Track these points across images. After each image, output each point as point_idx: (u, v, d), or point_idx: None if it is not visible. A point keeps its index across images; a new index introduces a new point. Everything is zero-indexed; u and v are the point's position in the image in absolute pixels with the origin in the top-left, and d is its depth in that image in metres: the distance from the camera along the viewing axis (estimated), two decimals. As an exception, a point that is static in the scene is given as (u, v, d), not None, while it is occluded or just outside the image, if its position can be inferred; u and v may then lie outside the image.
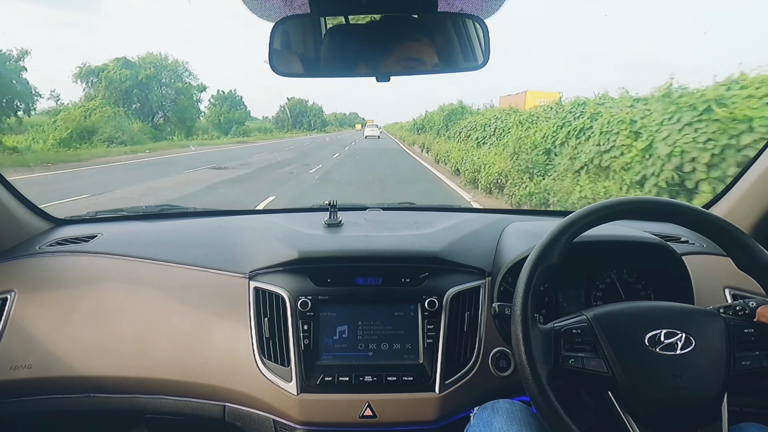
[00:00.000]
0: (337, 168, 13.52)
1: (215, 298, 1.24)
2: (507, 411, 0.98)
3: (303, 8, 0.99)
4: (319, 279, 1.21)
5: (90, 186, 9.68)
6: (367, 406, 1.11)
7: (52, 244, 1.43)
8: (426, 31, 1.02)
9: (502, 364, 1.16)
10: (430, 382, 1.13)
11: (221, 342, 1.18)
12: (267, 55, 1.01)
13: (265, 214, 1.70)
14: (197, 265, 1.31)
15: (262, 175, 12.13)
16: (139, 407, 1.21)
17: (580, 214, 0.92)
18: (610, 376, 0.84)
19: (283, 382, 1.13)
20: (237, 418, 1.18)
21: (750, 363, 0.84)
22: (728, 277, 1.23)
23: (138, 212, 1.71)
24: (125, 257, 1.35)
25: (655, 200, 0.94)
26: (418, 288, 1.20)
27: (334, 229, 1.42)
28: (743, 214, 1.34)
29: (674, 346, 0.84)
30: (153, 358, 1.18)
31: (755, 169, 1.34)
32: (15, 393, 1.20)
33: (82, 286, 1.29)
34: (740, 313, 0.90)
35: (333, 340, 1.17)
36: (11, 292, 1.25)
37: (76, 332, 1.21)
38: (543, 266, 0.89)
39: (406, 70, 1.02)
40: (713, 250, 1.33)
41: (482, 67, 1.04)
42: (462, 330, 1.17)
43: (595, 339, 0.86)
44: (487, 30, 1.01)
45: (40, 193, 8.11)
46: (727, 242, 0.90)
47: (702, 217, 0.92)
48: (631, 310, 0.90)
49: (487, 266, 1.26)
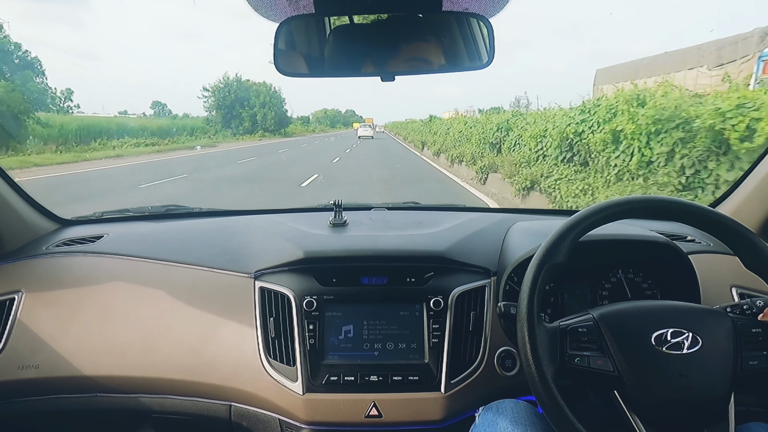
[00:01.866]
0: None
1: (221, 298, 1.24)
2: (512, 411, 0.97)
3: (308, 8, 1.00)
4: (325, 279, 1.21)
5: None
6: (372, 406, 1.12)
7: (59, 245, 1.44)
8: (430, 30, 1.02)
9: (508, 363, 1.16)
10: (435, 382, 1.13)
11: (227, 342, 1.18)
12: (272, 55, 1.01)
13: (270, 213, 1.70)
14: (203, 265, 1.31)
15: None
16: (146, 407, 1.22)
17: (586, 213, 0.91)
18: (616, 375, 0.83)
19: (289, 381, 1.13)
20: (243, 418, 1.18)
21: (757, 363, 0.83)
22: (735, 276, 1.22)
23: (144, 213, 1.72)
24: (131, 257, 1.36)
25: (661, 199, 0.94)
26: (423, 287, 1.20)
27: (340, 228, 1.43)
28: (750, 212, 1.34)
29: (681, 345, 0.83)
30: (159, 358, 1.19)
31: (762, 168, 1.34)
32: (22, 392, 1.21)
33: (89, 286, 1.29)
34: (747, 312, 0.89)
35: (338, 340, 1.17)
36: (19, 292, 1.26)
37: (83, 332, 1.22)
38: (549, 265, 0.89)
39: (410, 69, 1.02)
40: (720, 248, 1.32)
41: (487, 66, 1.04)
42: (467, 329, 1.17)
43: (601, 338, 0.86)
44: (492, 29, 1.01)
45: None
46: (734, 241, 0.90)
47: (708, 216, 0.91)
48: (637, 309, 0.90)
49: (493, 266, 1.26)
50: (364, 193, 9.68)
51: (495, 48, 1.01)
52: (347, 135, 50.92)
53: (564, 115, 8.08)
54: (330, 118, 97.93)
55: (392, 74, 1.01)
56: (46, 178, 12.02)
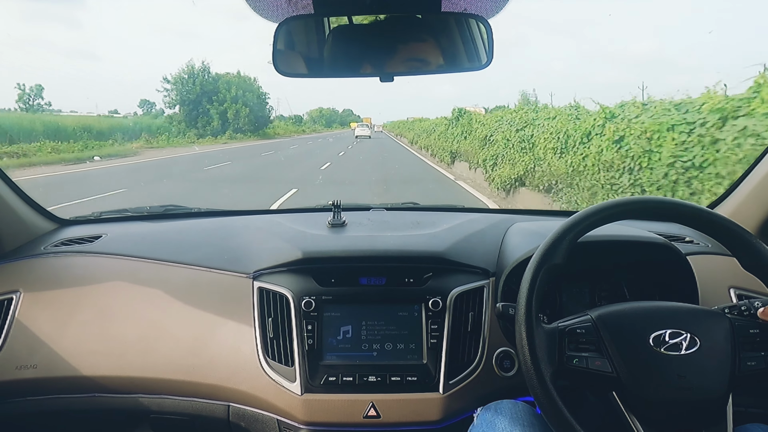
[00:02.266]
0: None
1: (219, 298, 1.24)
2: (510, 411, 0.98)
3: (307, 8, 1.00)
4: (323, 279, 1.21)
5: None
6: (371, 406, 1.11)
7: (57, 245, 1.44)
8: (430, 31, 1.02)
9: (506, 364, 1.16)
10: (433, 383, 1.13)
11: (225, 342, 1.18)
12: (271, 55, 1.01)
13: (268, 214, 1.70)
14: (201, 265, 1.31)
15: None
16: (144, 407, 1.21)
17: (584, 214, 0.92)
18: (614, 376, 0.84)
19: (287, 382, 1.13)
20: (241, 418, 1.18)
21: (755, 364, 0.83)
22: (733, 277, 1.23)
23: (142, 212, 1.72)
24: (130, 257, 1.35)
25: (659, 200, 0.94)
26: (421, 288, 1.20)
27: (338, 229, 1.42)
28: (748, 214, 1.34)
29: (679, 346, 0.83)
30: (157, 358, 1.19)
31: (760, 169, 1.34)
32: (20, 393, 1.21)
33: (87, 286, 1.29)
34: (745, 313, 0.90)
35: (337, 340, 1.17)
36: (17, 292, 1.26)
37: (81, 332, 1.22)
38: (547, 266, 0.89)
39: (409, 70, 1.02)
40: (718, 250, 1.33)
41: (486, 67, 1.04)
42: (466, 330, 1.17)
43: (600, 339, 0.86)
44: (491, 30, 1.01)
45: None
46: (733, 242, 0.90)
47: (707, 217, 0.92)
48: (635, 310, 0.90)
49: (491, 266, 1.26)
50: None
51: (494, 49, 1.01)
52: (343, 136, 42.78)
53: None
54: (326, 117, 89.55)
55: (391, 75, 1.01)
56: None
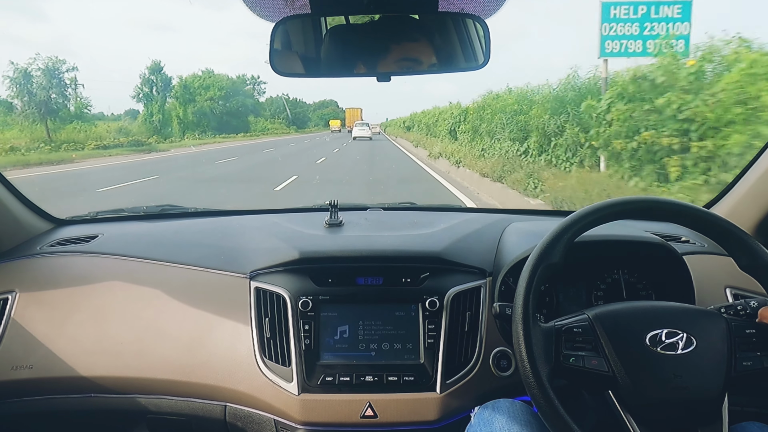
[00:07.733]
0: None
1: (216, 299, 1.24)
2: (508, 410, 0.98)
3: (304, 8, 1.00)
4: (320, 279, 1.21)
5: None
6: (368, 406, 1.11)
7: (53, 245, 1.43)
8: (427, 31, 1.02)
9: (503, 363, 1.16)
10: (431, 382, 1.13)
11: (222, 342, 1.18)
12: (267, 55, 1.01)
13: (265, 214, 1.70)
14: (198, 265, 1.31)
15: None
16: (140, 407, 1.21)
17: (581, 214, 0.92)
18: (610, 375, 0.84)
19: (284, 382, 1.13)
20: (238, 419, 1.18)
21: (751, 364, 0.84)
22: (729, 277, 1.23)
23: (139, 212, 1.71)
24: (126, 257, 1.35)
25: (656, 200, 0.95)
26: (418, 288, 1.20)
27: (335, 229, 1.42)
28: (744, 214, 1.34)
29: (675, 345, 0.84)
30: (154, 359, 1.18)
31: (756, 169, 1.34)
32: (16, 393, 1.21)
33: (83, 286, 1.29)
34: (741, 313, 0.90)
35: (334, 340, 1.17)
36: (12, 292, 1.25)
37: (78, 332, 1.21)
38: (544, 265, 0.89)
39: (406, 70, 1.03)
40: (714, 249, 1.33)
41: (483, 67, 1.04)
42: (463, 330, 1.17)
43: (596, 338, 0.86)
44: (488, 30, 1.01)
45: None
46: (729, 242, 0.90)
47: (703, 217, 0.92)
48: (632, 309, 0.90)
49: (488, 266, 1.26)
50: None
51: (491, 48, 1.02)
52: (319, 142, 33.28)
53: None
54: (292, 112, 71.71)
55: (388, 75, 1.01)
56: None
